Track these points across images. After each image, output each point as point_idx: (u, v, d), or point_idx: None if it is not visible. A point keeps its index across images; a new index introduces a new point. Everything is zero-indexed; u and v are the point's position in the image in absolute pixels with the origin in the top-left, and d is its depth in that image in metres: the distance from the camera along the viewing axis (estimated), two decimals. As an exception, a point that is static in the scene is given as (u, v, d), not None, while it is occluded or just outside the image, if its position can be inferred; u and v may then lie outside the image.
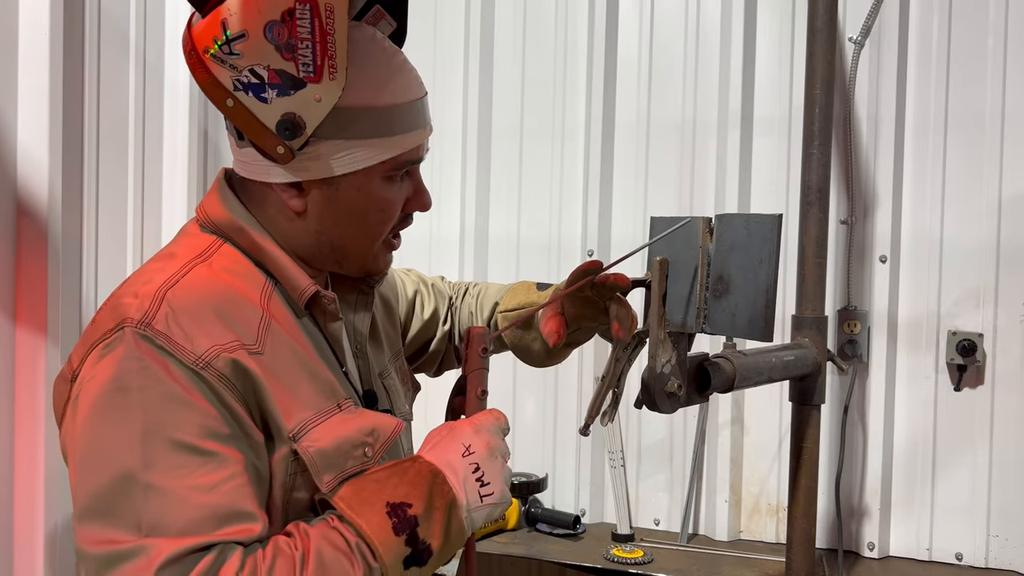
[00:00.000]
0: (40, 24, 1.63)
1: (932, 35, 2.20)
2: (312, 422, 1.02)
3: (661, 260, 1.33)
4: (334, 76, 0.99)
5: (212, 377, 0.95)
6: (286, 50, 0.98)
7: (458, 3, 2.54)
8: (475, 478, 1.02)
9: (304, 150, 1.02)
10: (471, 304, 1.48)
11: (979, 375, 2.18)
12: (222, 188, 1.11)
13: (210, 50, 0.99)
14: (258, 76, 0.99)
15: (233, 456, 0.95)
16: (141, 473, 0.91)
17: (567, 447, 2.48)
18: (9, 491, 1.62)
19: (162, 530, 0.90)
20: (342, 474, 1.02)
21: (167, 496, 0.91)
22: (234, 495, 0.94)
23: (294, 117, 1.00)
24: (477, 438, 1.05)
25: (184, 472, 0.92)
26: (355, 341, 1.20)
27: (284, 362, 1.03)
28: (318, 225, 1.08)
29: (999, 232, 2.16)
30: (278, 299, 1.07)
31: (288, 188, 1.06)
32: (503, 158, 2.54)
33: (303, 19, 0.98)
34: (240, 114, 1.01)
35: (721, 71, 2.35)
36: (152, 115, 2.01)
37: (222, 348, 0.97)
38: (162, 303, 0.98)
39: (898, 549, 2.26)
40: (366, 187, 1.07)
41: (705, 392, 1.54)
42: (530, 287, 1.41)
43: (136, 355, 0.94)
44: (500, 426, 1.08)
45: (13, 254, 1.62)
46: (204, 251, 1.07)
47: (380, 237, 1.12)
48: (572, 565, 2.22)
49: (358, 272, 1.17)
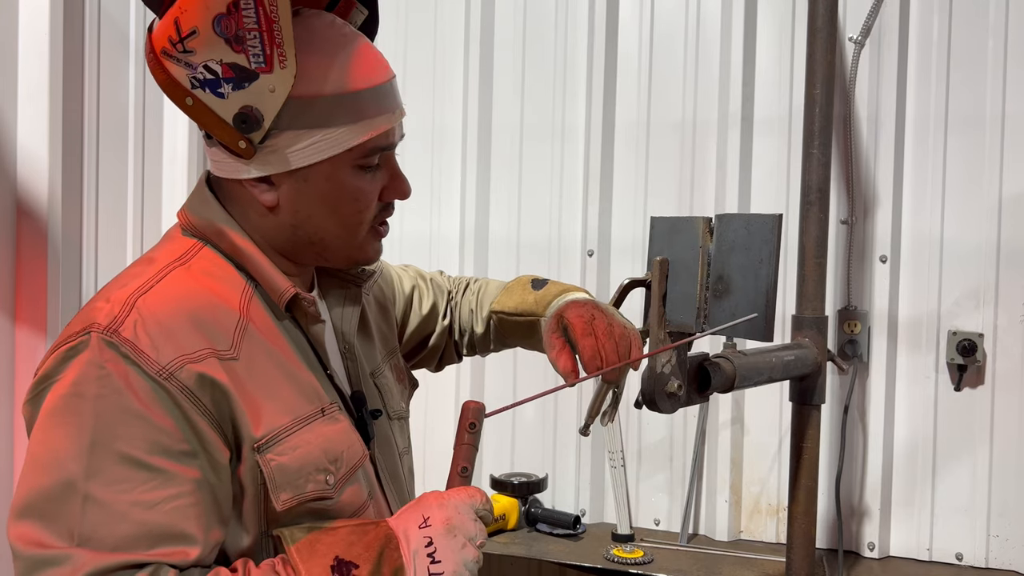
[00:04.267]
0: (40, 24, 1.63)
1: (932, 35, 2.20)
2: (288, 430, 1.01)
3: (661, 260, 1.33)
4: (284, 64, 0.98)
5: (175, 389, 0.94)
6: (235, 42, 0.97)
7: (458, 3, 2.54)
8: (426, 552, 0.97)
9: (265, 143, 1.01)
10: (471, 301, 1.46)
11: (979, 375, 2.18)
12: (201, 190, 1.10)
13: (165, 50, 0.98)
14: (212, 72, 0.98)
15: (183, 474, 0.93)
16: (83, 482, 0.90)
17: (567, 447, 2.48)
18: (9, 491, 1.62)
19: (94, 542, 0.89)
20: (300, 496, 1.00)
21: (105, 509, 0.90)
22: (175, 515, 0.92)
23: (250, 110, 0.99)
24: (438, 512, 0.99)
25: (126, 487, 0.91)
26: (343, 341, 1.18)
27: (260, 367, 1.01)
28: (292, 219, 1.07)
29: (999, 232, 2.16)
30: (258, 302, 1.06)
31: (258, 184, 1.05)
32: (503, 158, 2.54)
33: (247, 9, 0.97)
34: (200, 112, 1.00)
35: (721, 71, 2.35)
36: (152, 115, 2.01)
37: (188, 359, 0.95)
38: (132, 309, 0.96)
39: (898, 549, 2.26)
40: (335, 177, 1.05)
41: (705, 392, 1.54)
42: (525, 287, 1.38)
43: (98, 362, 0.93)
44: (473, 504, 1.01)
45: (13, 254, 1.62)
46: (183, 255, 1.05)
47: (359, 227, 1.10)
48: (572, 565, 2.22)
49: (346, 264, 1.14)
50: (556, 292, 1.34)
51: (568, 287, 1.36)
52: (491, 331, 1.43)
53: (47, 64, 1.63)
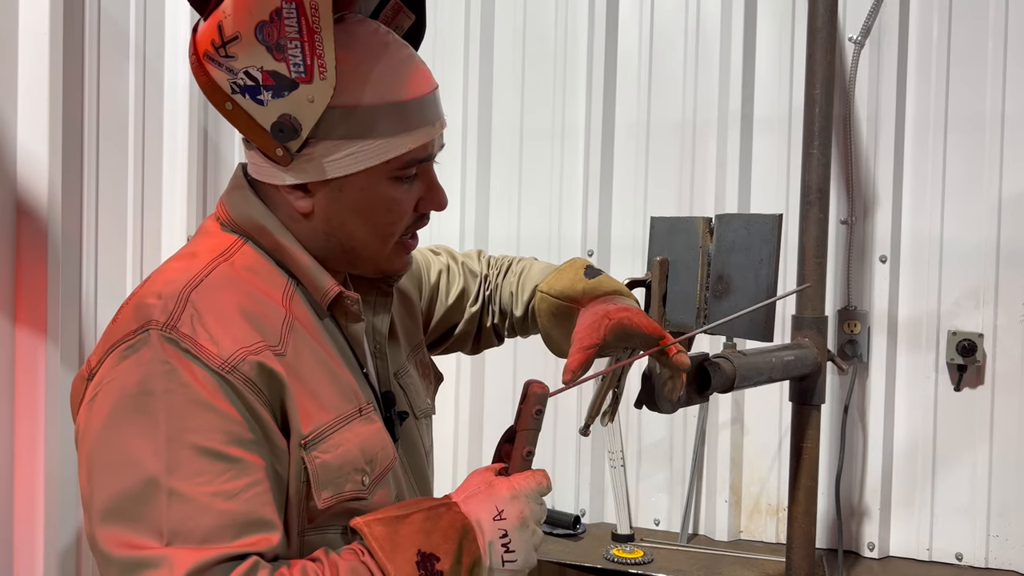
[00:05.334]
0: (40, 24, 1.63)
1: (932, 35, 2.21)
2: (331, 428, 1.01)
3: (661, 260, 1.33)
4: (324, 75, 0.98)
5: (238, 381, 0.94)
6: (277, 50, 0.97)
7: (458, 3, 2.54)
8: (501, 543, 1.00)
9: (302, 152, 1.01)
10: (512, 283, 1.42)
11: (979, 375, 2.18)
12: (242, 186, 1.10)
13: (208, 53, 0.98)
14: (253, 78, 0.98)
15: (255, 462, 0.94)
16: (164, 478, 0.90)
17: (567, 447, 2.48)
18: (9, 491, 1.62)
19: (184, 537, 0.89)
20: (339, 496, 1.01)
21: (189, 503, 0.90)
22: (255, 502, 0.93)
23: (289, 119, 0.99)
24: (512, 505, 1.02)
25: (206, 478, 0.91)
26: (374, 341, 1.18)
27: (306, 364, 1.02)
28: (326, 226, 1.07)
29: (999, 232, 2.16)
30: (300, 300, 1.06)
31: (294, 190, 1.05)
32: (503, 158, 2.54)
33: (290, 18, 0.97)
34: (239, 117, 1.01)
35: (721, 71, 2.35)
36: (152, 115, 2.01)
37: (248, 350, 0.96)
38: (187, 304, 0.97)
39: (898, 549, 2.26)
40: (371, 187, 1.05)
41: (705, 392, 1.54)
42: (578, 272, 1.32)
43: (161, 358, 0.93)
44: (540, 490, 1.05)
45: (13, 254, 1.62)
46: (226, 250, 1.05)
47: (392, 237, 1.09)
48: (572, 565, 2.22)
49: (373, 273, 1.15)
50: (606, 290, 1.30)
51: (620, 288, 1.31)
52: (530, 313, 1.38)
53: (47, 64, 1.63)
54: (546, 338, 1.36)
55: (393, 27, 1.12)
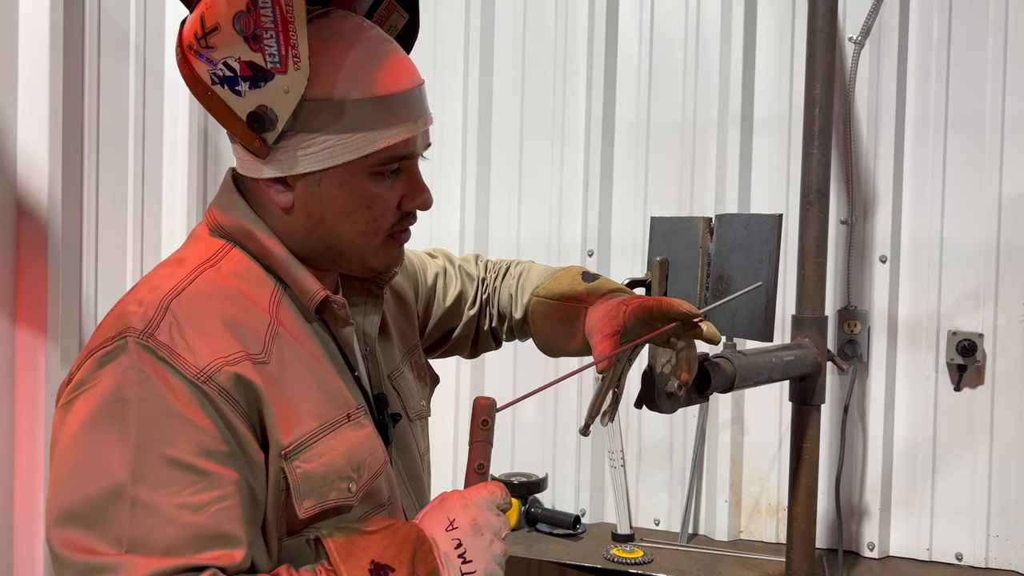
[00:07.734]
0: (40, 24, 1.63)
1: (932, 35, 2.20)
2: (315, 436, 1.01)
3: (661, 260, 1.34)
4: (299, 66, 0.98)
5: (213, 391, 0.93)
6: (253, 40, 0.97)
7: (458, 3, 2.54)
8: (457, 553, 0.98)
9: (279, 144, 1.01)
10: (511, 286, 1.42)
11: (979, 375, 2.18)
12: (229, 190, 1.09)
13: (191, 44, 0.98)
14: (231, 69, 0.98)
15: (226, 476, 0.93)
16: (130, 487, 0.90)
17: (567, 447, 2.48)
18: (9, 491, 1.62)
19: (145, 547, 0.89)
20: (322, 504, 1.00)
21: (153, 513, 0.89)
22: (221, 516, 0.92)
23: (265, 110, 0.98)
24: (463, 513, 1.00)
25: (173, 489, 0.90)
26: (364, 344, 1.17)
27: (291, 371, 1.01)
28: (307, 222, 1.06)
29: (999, 232, 2.16)
30: (287, 305, 1.06)
31: (274, 184, 1.04)
32: (503, 158, 2.54)
33: (266, 8, 0.96)
34: (219, 108, 1.00)
35: (721, 71, 2.35)
36: (152, 115, 2.01)
37: (225, 361, 0.95)
38: (166, 312, 0.96)
39: (898, 549, 2.26)
40: (349, 183, 1.03)
41: (705, 392, 1.54)
42: (575, 278, 1.34)
43: (137, 366, 0.93)
44: (494, 499, 1.02)
45: (13, 254, 1.62)
46: (213, 256, 1.05)
47: (375, 235, 1.07)
48: (572, 565, 2.22)
49: (362, 271, 1.13)
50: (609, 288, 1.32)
51: (621, 287, 1.33)
52: (529, 316, 1.39)
53: (47, 64, 1.63)
54: (541, 343, 1.38)
55: (387, 26, 1.12)
